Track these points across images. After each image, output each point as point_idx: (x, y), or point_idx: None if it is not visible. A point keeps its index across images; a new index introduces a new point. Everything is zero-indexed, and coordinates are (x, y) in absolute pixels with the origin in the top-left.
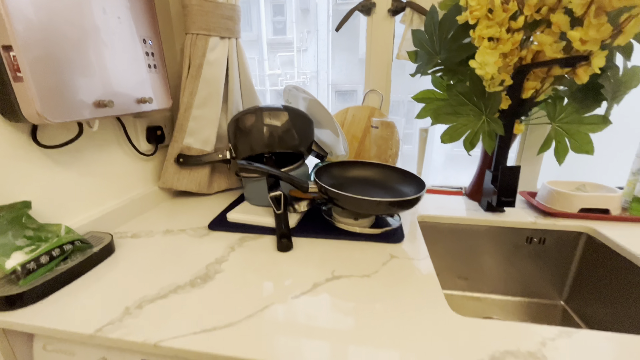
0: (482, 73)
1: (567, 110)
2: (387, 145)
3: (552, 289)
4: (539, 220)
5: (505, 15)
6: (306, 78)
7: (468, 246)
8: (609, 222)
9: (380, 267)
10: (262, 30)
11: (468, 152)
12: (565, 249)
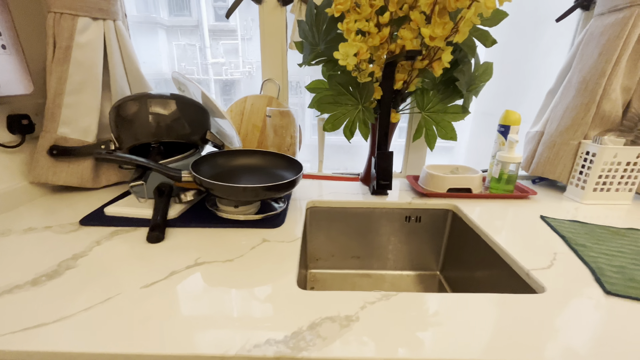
0: (344, 64)
1: (433, 101)
2: (287, 134)
3: (432, 261)
4: (414, 201)
5: (371, 10)
6: (252, 67)
7: (358, 228)
8: (470, 200)
9: (248, 251)
10: (202, 16)
11: (348, 139)
12: (437, 225)
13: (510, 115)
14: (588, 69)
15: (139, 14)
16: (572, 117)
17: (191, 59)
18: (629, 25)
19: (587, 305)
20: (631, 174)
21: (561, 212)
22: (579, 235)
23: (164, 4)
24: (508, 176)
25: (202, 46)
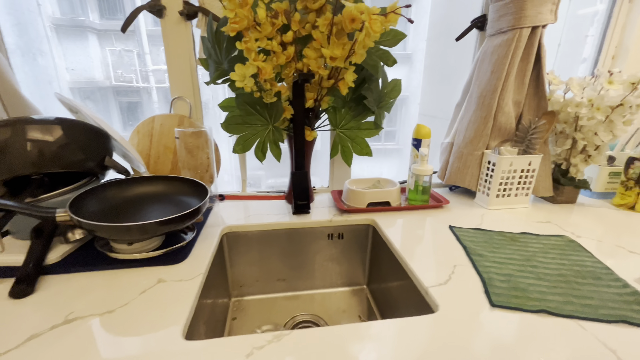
0: (241, 86)
1: (346, 118)
2: (204, 154)
3: (359, 275)
4: (335, 218)
5: (272, 28)
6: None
7: (282, 249)
8: (388, 213)
9: (136, 297)
10: (138, 19)
11: (260, 161)
12: (360, 240)
13: (421, 129)
14: (484, 85)
15: (64, 17)
16: (475, 129)
17: (129, 66)
18: (512, 47)
19: (473, 321)
20: (526, 180)
21: (469, 220)
22: (479, 244)
23: (93, 6)
24: (423, 187)
25: (141, 52)
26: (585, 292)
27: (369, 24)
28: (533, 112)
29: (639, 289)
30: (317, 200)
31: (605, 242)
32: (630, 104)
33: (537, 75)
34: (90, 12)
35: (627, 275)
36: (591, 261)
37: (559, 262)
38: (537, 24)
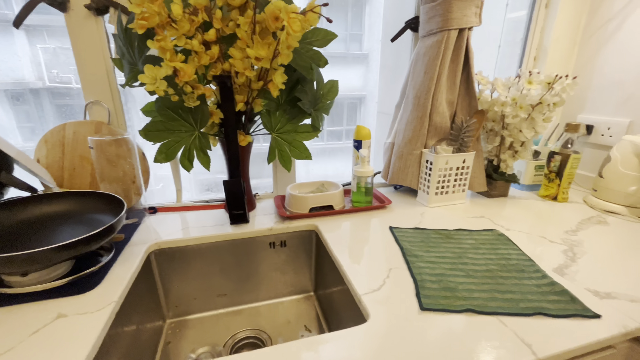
0: (152, 89)
1: (281, 121)
2: (128, 164)
3: (307, 282)
4: (276, 226)
5: (191, 26)
6: None
7: (221, 263)
8: (331, 217)
9: (26, 338)
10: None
11: (188, 170)
12: (305, 247)
13: (361, 131)
14: (419, 85)
15: None
16: (412, 129)
17: (66, 65)
18: (442, 48)
19: (402, 328)
20: (462, 177)
21: (410, 219)
22: (416, 244)
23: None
24: (365, 189)
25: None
26: (508, 286)
27: (288, 22)
28: (465, 112)
29: (555, 279)
30: (260, 207)
31: (529, 233)
32: (548, 102)
33: (467, 75)
34: (15, 5)
35: (547, 265)
36: (516, 254)
37: (488, 257)
38: (464, 26)
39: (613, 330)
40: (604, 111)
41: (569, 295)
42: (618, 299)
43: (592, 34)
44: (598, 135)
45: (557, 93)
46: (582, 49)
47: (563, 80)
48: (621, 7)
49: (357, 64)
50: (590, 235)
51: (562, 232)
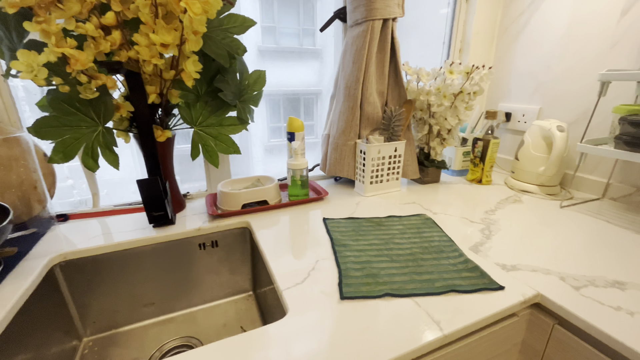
0: (29, 77)
1: (203, 114)
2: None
3: (245, 282)
4: (205, 225)
5: (81, 7)
6: None
7: (146, 269)
8: (265, 213)
9: None
10: None
11: (93, 170)
12: (238, 246)
13: (294, 122)
14: (348, 76)
15: None
16: (345, 120)
17: None
18: (367, 38)
19: (318, 321)
20: (395, 165)
21: (345, 209)
22: (346, 234)
23: None
24: (301, 181)
25: None
26: (427, 267)
27: (187, 4)
28: (395, 101)
29: (470, 257)
30: (191, 207)
31: (453, 215)
32: (468, 91)
33: (395, 66)
34: None
35: (465, 244)
36: (439, 236)
37: (413, 241)
38: (387, 17)
39: (514, 299)
40: (520, 99)
41: (479, 271)
42: (521, 270)
43: (507, 27)
44: (515, 122)
45: (476, 82)
46: (499, 42)
47: (480, 70)
48: (529, 3)
49: (311, 59)
50: (506, 214)
51: (482, 213)
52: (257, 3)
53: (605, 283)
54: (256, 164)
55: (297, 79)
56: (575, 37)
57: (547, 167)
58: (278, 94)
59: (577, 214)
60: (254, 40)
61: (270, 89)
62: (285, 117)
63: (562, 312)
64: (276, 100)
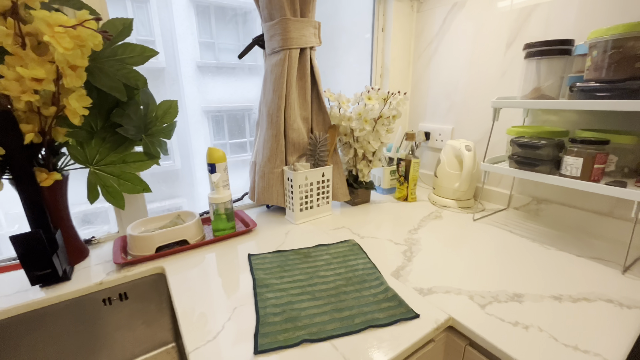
0: None
1: (101, 152)
2: None
3: (166, 334)
4: (109, 277)
5: None
6: None
7: (42, 336)
8: (185, 254)
9: None
10: None
11: None
12: (154, 294)
13: (214, 153)
14: (270, 103)
15: None
16: (270, 147)
17: None
18: (286, 66)
19: None
20: (324, 190)
21: (274, 240)
22: (271, 271)
23: None
24: (226, 215)
25: None
26: (349, 301)
27: (54, 38)
28: (321, 127)
29: (391, 283)
30: (97, 254)
31: (380, 238)
32: (387, 115)
33: (317, 92)
34: None
35: (387, 270)
36: (363, 263)
37: (338, 272)
38: (304, 46)
39: (428, 327)
40: (437, 119)
41: (398, 300)
42: (436, 293)
43: (420, 54)
44: (434, 140)
45: (394, 107)
46: (415, 67)
47: (397, 96)
48: (436, 33)
49: (253, 74)
50: (427, 232)
51: (406, 232)
52: (193, 18)
53: (507, 297)
54: (200, 184)
55: (240, 95)
56: (474, 65)
57: (461, 183)
58: (221, 111)
59: (487, 226)
60: (191, 56)
61: (213, 105)
62: (230, 134)
63: (469, 334)
64: (220, 117)
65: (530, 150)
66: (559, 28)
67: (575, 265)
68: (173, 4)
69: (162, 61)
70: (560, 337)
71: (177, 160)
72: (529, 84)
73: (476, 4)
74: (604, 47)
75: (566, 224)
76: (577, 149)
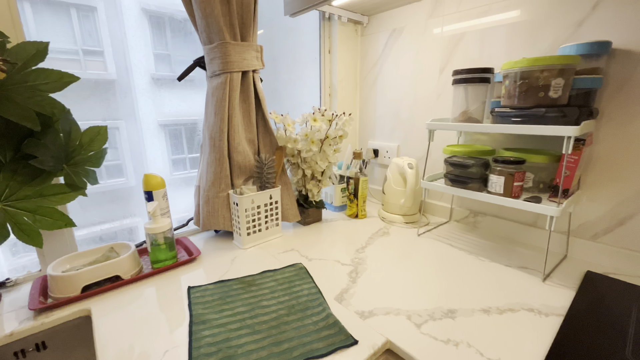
0: None
1: (11, 186)
2: None
3: None
4: (23, 326)
5: None
6: None
7: None
8: (116, 292)
9: None
10: None
11: None
12: (78, 341)
13: (150, 180)
14: (212, 127)
15: None
16: (213, 171)
17: None
18: (227, 89)
19: None
20: (273, 212)
21: (218, 269)
22: (210, 305)
23: None
24: (166, 244)
25: None
26: (289, 332)
27: None
28: (268, 148)
29: (334, 308)
30: (12, 299)
31: (327, 259)
32: (333, 136)
33: (262, 114)
34: None
35: (331, 294)
36: (308, 288)
37: (281, 300)
38: (246, 69)
39: (366, 352)
40: (384, 137)
41: (338, 327)
42: (377, 315)
43: (365, 76)
44: (382, 157)
45: (340, 127)
46: (362, 87)
47: (342, 117)
48: (379, 56)
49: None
50: (374, 250)
51: (354, 252)
52: (147, 29)
53: (442, 314)
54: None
55: (199, 108)
56: (414, 87)
57: (406, 199)
58: (179, 124)
59: (430, 240)
60: (145, 68)
61: (170, 119)
62: (188, 147)
63: (404, 355)
64: (177, 130)
65: (461, 169)
66: (485, 56)
67: (504, 276)
68: (124, 13)
69: (112, 73)
70: (486, 351)
71: (130, 177)
72: (458, 107)
73: (413, 30)
74: (514, 77)
75: (499, 235)
76: (499, 168)
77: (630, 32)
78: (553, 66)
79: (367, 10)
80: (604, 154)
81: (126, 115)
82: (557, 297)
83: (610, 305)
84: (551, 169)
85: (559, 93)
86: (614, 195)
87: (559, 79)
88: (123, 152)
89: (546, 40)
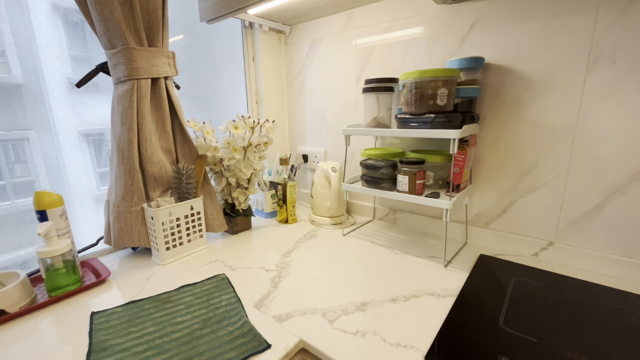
0: None
1: None
2: None
3: None
4: None
5: None
6: None
7: None
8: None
9: None
10: None
11: None
12: None
13: (44, 198)
14: (119, 137)
15: None
16: (123, 184)
17: None
18: (134, 97)
19: None
20: (195, 223)
21: (131, 289)
22: (115, 329)
23: None
24: (66, 268)
25: None
26: (201, 346)
27: None
28: (187, 158)
29: (251, 316)
30: None
31: (252, 267)
32: (257, 143)
33: (179, 123)
34: None
35: (251, 302)
36: (227, 299)
37: (197, 314)
38: (155, 76)
39: (278, 354)
40: (313, 143)
41: (253, 333)
42: (294, 317)
43: (291, 83)
44: (312, 162)
45: (265, 134)
46: (289, 94)
47: (266, 123)
48: (302, 64)
49: None
50: (300, 253)
51: (280, 257)
52: (60, 27)
53: (354, 308)
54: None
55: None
56: (335, 94)
57: (331, 201)
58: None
59: (353, 239)
60: (60, 71)
61: (93, 127)
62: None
63: (316, 352)
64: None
65: (373, 170)
66: (391, 67)
67: (414, 266)
68: (30, 9)
69: (17, 76)
70: (388, 337)
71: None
72: (369, 113)
73: (331, 41)
74: (410, 87)
75: (414, 229)
76: (404, 169)
77: (498, 50)
78: (438, 77)
79: (287, 20)
80: (488, 152)
81: (38, 125)
82: (454, 280)
83: (493, 283)
84: (447, 168)
85: (444, 101)
86: (497, 188)
87: (443, 89)
88: (35, 166)
89: (438, 54)
